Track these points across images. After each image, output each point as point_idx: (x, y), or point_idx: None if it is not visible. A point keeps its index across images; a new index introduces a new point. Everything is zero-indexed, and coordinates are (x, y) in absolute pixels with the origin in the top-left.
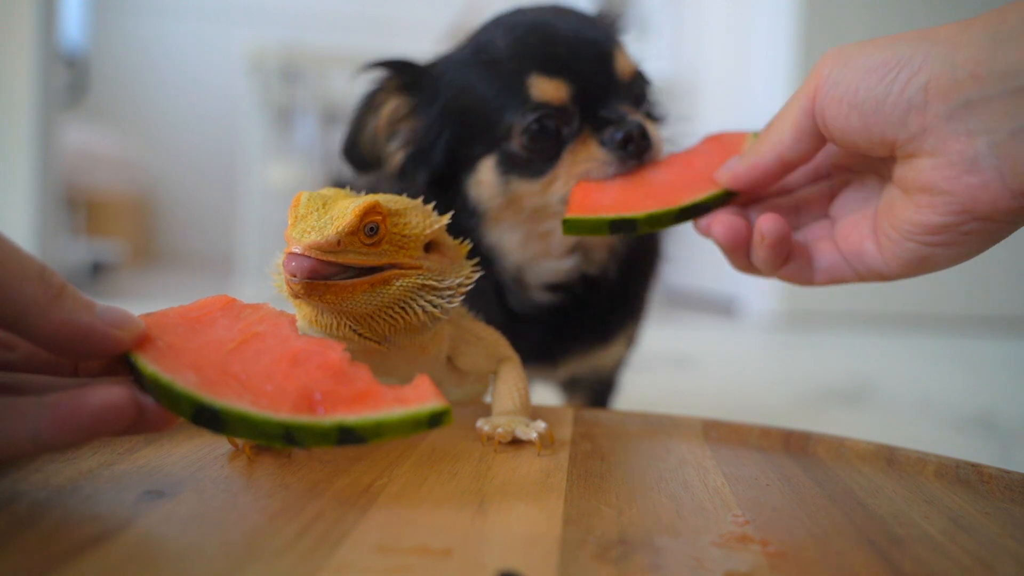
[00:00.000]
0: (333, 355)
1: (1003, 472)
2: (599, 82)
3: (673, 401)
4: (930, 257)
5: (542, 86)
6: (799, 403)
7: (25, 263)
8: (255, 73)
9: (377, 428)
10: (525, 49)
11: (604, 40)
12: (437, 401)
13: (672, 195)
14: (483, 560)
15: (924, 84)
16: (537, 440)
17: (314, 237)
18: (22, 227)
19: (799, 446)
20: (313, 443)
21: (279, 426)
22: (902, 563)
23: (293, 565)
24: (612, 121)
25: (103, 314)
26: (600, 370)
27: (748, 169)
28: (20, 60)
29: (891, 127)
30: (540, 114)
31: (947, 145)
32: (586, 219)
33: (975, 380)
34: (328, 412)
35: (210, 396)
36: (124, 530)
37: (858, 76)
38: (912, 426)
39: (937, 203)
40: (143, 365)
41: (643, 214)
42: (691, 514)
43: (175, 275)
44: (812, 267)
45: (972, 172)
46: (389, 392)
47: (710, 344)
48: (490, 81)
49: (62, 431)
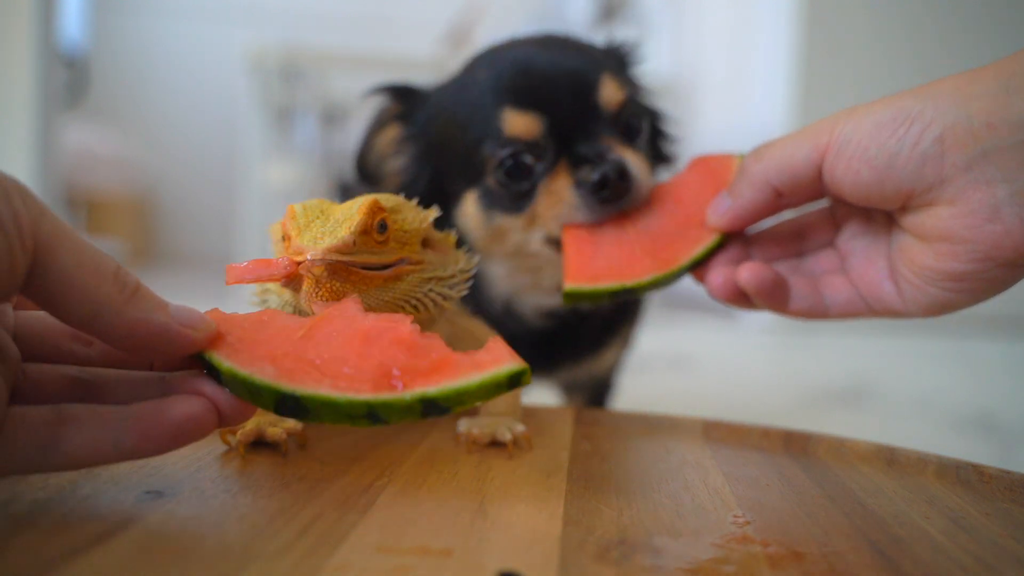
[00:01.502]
0: (403, 328)
1: (1004, 472)
2: (577, 115)
3: (673, 401)
4: (952, 301)
5: (513, 120)
6: (799, 404)
7: (101, 262)
8: (255, 73)
9: (459, 396)
10: (500, 82)
11: (587, 70)
12: (514, 362)
13: (668, 248)
14: (483, 560)
15: (938, 135)
16: (509, 441)
17: (329, 241)
18: None
19: (799, 446)
20: (398, 418)
21: (363, 405)
22: (902, 563)
23: (293, 565)
24: (589, 158)
25: (177, 314)
26: (596, 374)
27: (740, 210)
28: (20, 60)
29: (906, 180)
30: (512, 149)
31: (967, 194)
32: (586, 291)
33: (975, 380)
34: (408, 386)
35: (290, 385)
36: (124, 530)
37: (869, 133)
38: (912, 426)
39: (959, 251)
40: (219, 362)
41: (644, 281)
42: (691, 514)
43: (175, 275)
44: (824, 303)
45: (994, 220)
46: (465, 359)
47: (710, 344)
48: (469, 115)
49: (144, 442)
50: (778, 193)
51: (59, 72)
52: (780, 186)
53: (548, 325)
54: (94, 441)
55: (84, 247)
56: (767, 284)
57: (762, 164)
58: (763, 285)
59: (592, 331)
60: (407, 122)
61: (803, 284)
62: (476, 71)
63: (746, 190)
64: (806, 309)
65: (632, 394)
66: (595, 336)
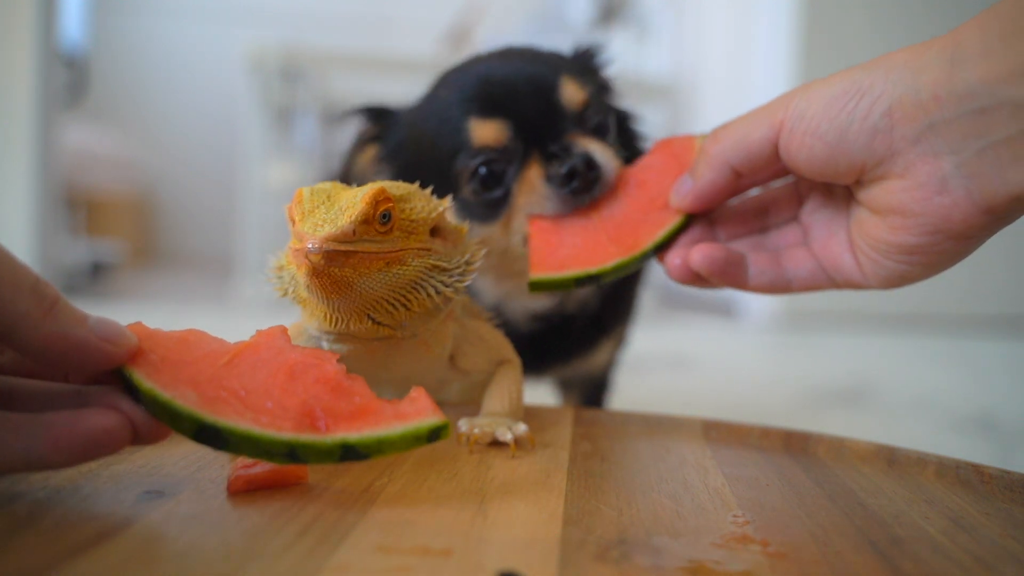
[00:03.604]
0: (329, 367)
1: (1003, 472)
2: (542, 116)
3: (673, 401)
4: (907, 273)
5: (480, 129)
6: (799, 403)
7: (19, 274)
8: (255, 73)
9: (378, 445)
10: (464, 95)
11: (546, 74)
12: (435, 416)
13: (632, 233)
14: (483, 560)
15: (887, 109)
16: (512, 441)
17: (328, 229)
18: (22, 227)
19: (799, 446)
20: (316, 460)
21: (284, 444)
22: (902, 563)
23: (293, 565)
24: (558, 155)
25: (96, 327)
26: (590, 372)
27: (700, 192)
28: (20, 60)
29: (858, 154)
30: (482, 158)
31: (916, 167)
32: (551, 279)
33: (975, 380)
34: (329, 429)
35: (212, 415)
36: (124, 530)
37: (821, 108)
38: (912, 426)
39: (910, 224)
40: (139, 381)
41: (609, 267)
42: (691, 514)
43: (175, 275)
44: (785, 276)
45: (942, 193)
46: (388, 407)
47: (710, 344)
48: (437, 131)
49: (55, 451)
50: (737, 173)
51: (59, 72)
52: (738, 165)
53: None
54: (4, 448)
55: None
56: (718, 264)
57: (720, 145)
58: (715, 265)
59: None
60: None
61: (764, 260)
62: (440, 89)
63: (706, 171)
64: (767, 284)
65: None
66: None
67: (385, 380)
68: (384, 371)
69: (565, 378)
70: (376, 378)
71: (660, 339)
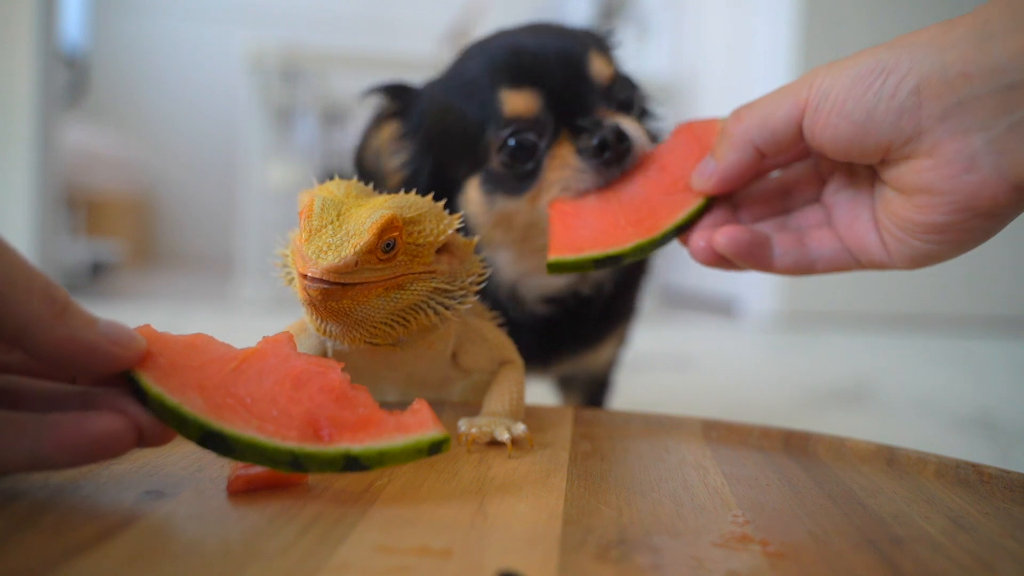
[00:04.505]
0: (334, 376)
1: (1003, 472)
2: (572, 89)
3: (673, 401)
4: (934, 253)
5: (512, 100)
6: (799, 403)
7: (30, 278)
8: (255, 73)
9: (380, 457)
10: (494, 66)
11: (576, 48)
12: (436, 429)
13: (652, 215)
14: (483, 560)
15: (914, 87)
16: (508, 441)
17: (331, 259)
18: (22, 227)
19: (799, 446)
20: (319, 470)
21: (287, 453)
22: (902, 563)
23: (293, 565)
24: (588, 128)
25: (105, 330)
26: (592, 370)
27: (724, 173)
28: (20, 60)
29: (885, 133)
30: (513, 128)
31: (944, 145)
32: (570, 260)
33: (975, 380)
34: (333, 439)
35: (218, 422)
36: (124, 530)
37: (846, 87)
38: (912, 426)
39: (938, 203)
40: (147, 384)
41: (628, 248)
42: (691, 514)
43: (175, 275)
44: (810, 256)
45: (971, 170)
46: (390, 419)
47: (710, 344)
48: (466, 102)
49: (60, 452)
50: (761, 153)
51: (59, 72)
52: (762, 145)
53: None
54: (9, 447)
55: (13, 262)
56: (743, 245)
57: (743, 125)
58: (740, 247)
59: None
60: (404, 118)
61: (789, 240)
62: (467, 61)
63: (729, 152)
64: (792, 265)
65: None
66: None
67: (389, 379)
68: (387, 370)
69: (569, 374)
70: (379, 376)
71: (660, 339)
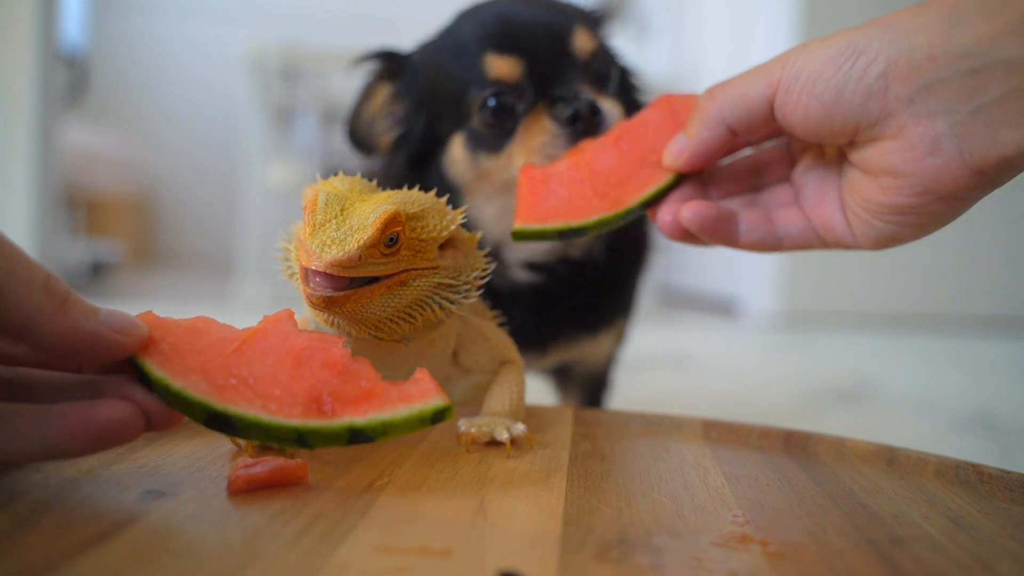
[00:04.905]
0: (335, 351)
1: (1003, 472)
2: (554, 60)
3: (673, 401)
4: (897, 234)
5: (496, 63)
6: (799, 403)
7: (31, 271)
8: (255, 73)
9: (384, 428)
10: (483, 30)
11: (562, 21)
12: (439, 398)
13: (620, 187)
14: (483, 560)
15: (883, 70)
16: (507, 441)
17: (335, 253)
18: (22, 227)
19: (799, 446)
20: (324, 445)
21: (292, 430)
22: (902, 563)
23: (293, 565)
24: (565, 98)
25: (107, 320)
26: (590, 363)
27: (695, 151)
28: (20, 60)
29: (852, 114)
30: (494, 90)
31: (909, 128)
32: (534, 230)
33: (975, 380)
34: (336, 413)
35: (222, 403)
36: (124, 529)
37: (818, 67)
38: (912, 426)
39: (902, 185)
40: (151, 370)
41: (592, 221)
42: (691, 514)
43: (175, 275)
44: (776, 234)
45: (934, 153)
46: (393, 390)
47: (710, 344)
48: (454, 63)
49: (71, 441)
50: (733, 131)
51: (59, 72)
52: (735, 124)
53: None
54: (21, 438)
55: (14, 256)
56: (709, 221)
57: (716, 103)
58: (705, 222)
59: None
60: (396, 79)
61: (756, 217)
62: (459, 25)
63: (702, 129)
64: (757, 241)
65: (632, 394)
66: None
67: (389, 378)
68: (388, 369)
69: (567, 365)
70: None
71: (660, 339)
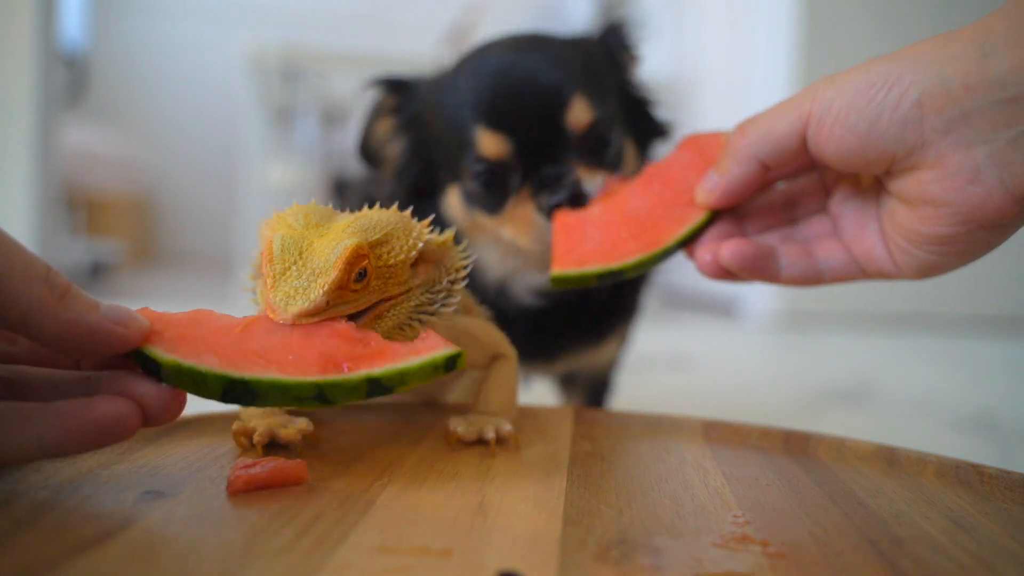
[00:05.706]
0: (340, 324)
1: (1003, 472)
2: (545, 137)
3: (673, 401)
4: (939, 264)
5: (485, 140)
6: (799, 403)
7: (31, 264)
8: (255, 73)
9: (401, 376)
10: (477, 97)
11: (558, 90)
12: (448, 347)
13: (655, 228)
14: (483, 560)
15: (917, 99)
16: (492, 440)
17: (300, 304)
18: (22, 227)
19: (799, 446)
20: (344, 398)
21: (312, 387)
22: (902, 563)
23: (293, 565)
24: (551, 182)
25: (108, 313)
26: (596, 368)
27: (728, 187)
28: (20, 60)
29: (888, 144)
30: (484, 166)
31: (947, 157)
32: (573, 275)
33: (975, 380)
34: (352, 369)
35: (238, 371)
36: (124, 530)
37: (849, 98)
38: (912, 426)
39: (943, 214)
40: (159, 355)
41: (631, 263)
42: (691, 514)
43: (175, 275)
44: (817, 267)
45: (974, 182)
46: (402, 347)
47: (710, 344)
48: (451, 121)
49: (67, 439)
50: (765, 166)
51: (59, 72)
52: (766, 159)
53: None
54: (17, 437)
55: (14, 250)
56: (748, 259)
57: (747, 139)
58: (745, 261)
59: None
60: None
61: (796, 251)
62: (460, 76)
63: (733, 166)
64: (799, 276)
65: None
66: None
67: None
68: None
69: (572, 372)
70: None
71: (661, 339)
